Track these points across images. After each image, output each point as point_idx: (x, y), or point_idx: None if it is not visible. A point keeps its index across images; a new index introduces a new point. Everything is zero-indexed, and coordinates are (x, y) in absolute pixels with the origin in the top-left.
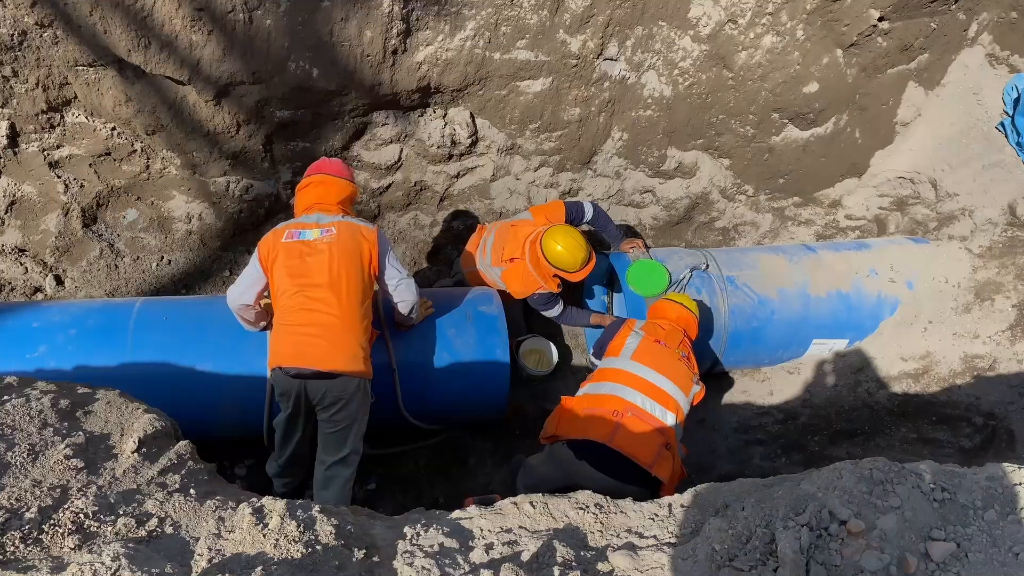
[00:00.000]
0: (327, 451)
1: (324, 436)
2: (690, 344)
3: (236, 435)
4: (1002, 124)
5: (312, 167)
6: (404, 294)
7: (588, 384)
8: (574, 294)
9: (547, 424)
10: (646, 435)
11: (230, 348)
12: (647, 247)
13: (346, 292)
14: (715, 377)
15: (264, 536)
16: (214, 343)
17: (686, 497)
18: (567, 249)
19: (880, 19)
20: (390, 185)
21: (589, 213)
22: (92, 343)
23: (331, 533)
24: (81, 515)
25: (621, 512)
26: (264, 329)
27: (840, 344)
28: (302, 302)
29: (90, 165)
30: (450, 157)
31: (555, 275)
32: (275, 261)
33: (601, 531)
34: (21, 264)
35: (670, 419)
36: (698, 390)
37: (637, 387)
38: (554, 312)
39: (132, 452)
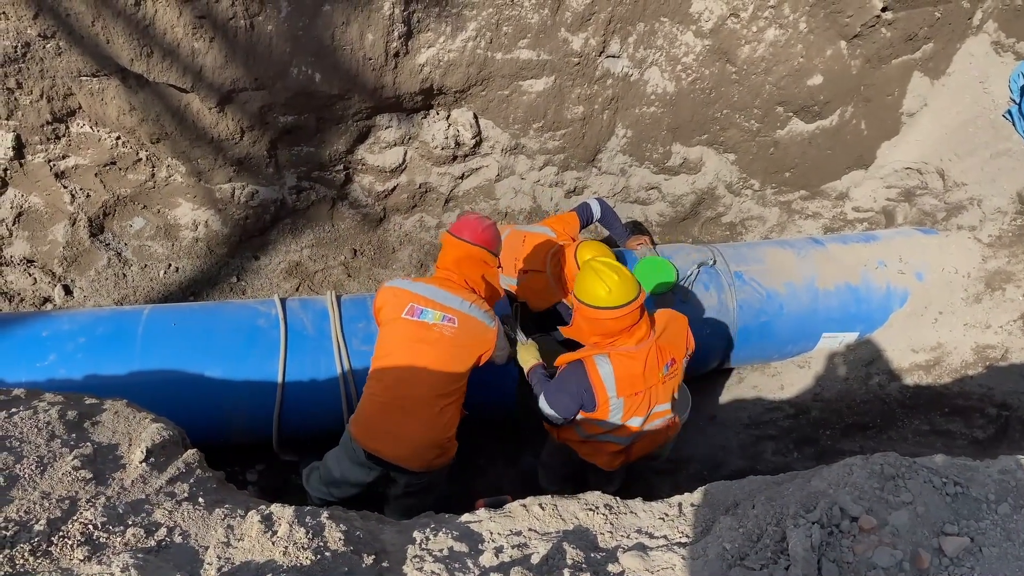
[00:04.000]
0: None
1: (398, 505)
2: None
3: (246, 441)
4: (1009, 112)
5: (456, 222)
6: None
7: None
8: None
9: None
10: (650, 444)
11: (239, 354)
12: (654, 244)
13: (444, 396)
14: (725, 373)
15: (273, 544)
16: (223, 349)
17: (696, 496)
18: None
19: (884, 9)
20: (395, 188)
21: (597, 212)
22: (101, 351)
23: (340, 539)
24: (90, 526)
25: (631, 512)
26: None
27: (850, 337)
28: (399, 391)
29: (96, 175)
30: (454, 158)
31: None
32: (387, 326)
33: (611, 532)
34: (30, 275)
35: (669, 417)
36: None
37: (634, 432)
38: None
39: (140, 462)
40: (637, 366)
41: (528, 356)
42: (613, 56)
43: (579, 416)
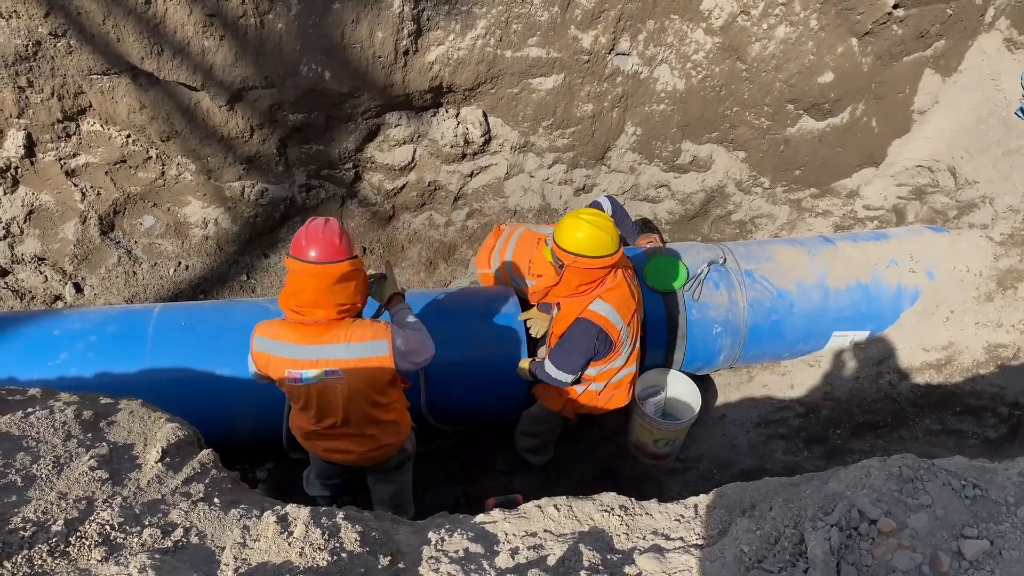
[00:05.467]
0: (384, 505)
1: (378, 490)
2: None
3: (256, 439)
4: (1021, 109)
5: (297, 239)
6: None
7: (594, 383)
8: None
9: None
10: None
11: (248, 352)
12: (663, 242)
13: (371, 414)
14: (735, 371)
15: (289, 544)
16: (232, 347)
17: (712, 497)
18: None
19: (895, 6)
20: (404, 186)
21: (608, 210)
22: (112, 349)
23: (356, 540)
24: (107, 527)
25: (647, 514)
26: None
27: (861, 336)
28: (320, 431)
29: (106, 173)
30: (463, 156)
31: None
32: (278, 384)
33: (627, 533)
34: (41, 273)
35: None
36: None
37: (637, 354)
38: None
39: (156, 462)
40: (624, 290)
41: (387, 289)
42: (623, 54)
43: (593, 371)
